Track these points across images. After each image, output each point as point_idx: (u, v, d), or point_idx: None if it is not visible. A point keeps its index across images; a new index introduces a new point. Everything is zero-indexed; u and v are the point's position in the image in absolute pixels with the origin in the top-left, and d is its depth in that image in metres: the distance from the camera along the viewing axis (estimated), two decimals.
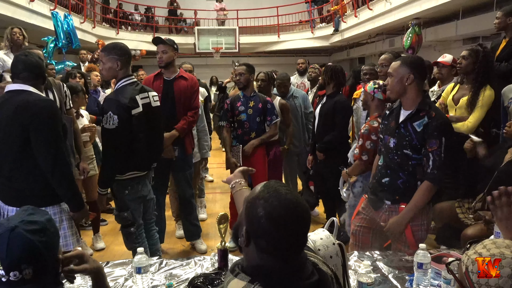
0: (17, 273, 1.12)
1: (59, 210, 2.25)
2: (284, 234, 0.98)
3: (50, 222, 1.22)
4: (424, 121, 2.14)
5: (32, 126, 2.08)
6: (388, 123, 2.33)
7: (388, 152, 2.27)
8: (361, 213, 2.44)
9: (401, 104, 2.28)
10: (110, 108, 2.50)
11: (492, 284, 1.04)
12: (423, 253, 1.73)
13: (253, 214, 1.00)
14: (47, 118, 2.12)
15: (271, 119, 3.68)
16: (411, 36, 6.36)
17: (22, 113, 2.08)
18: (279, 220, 0.98)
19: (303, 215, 1.01)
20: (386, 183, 2.28)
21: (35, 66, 2.20)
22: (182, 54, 14.24)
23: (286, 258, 1.00)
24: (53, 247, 1.20)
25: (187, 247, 3.91)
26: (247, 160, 3.59)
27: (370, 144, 2.86)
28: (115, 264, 2.04)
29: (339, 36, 11.87)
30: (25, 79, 2.17)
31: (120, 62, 2.59)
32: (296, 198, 1.02)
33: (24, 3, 7.30)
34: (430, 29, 7.94)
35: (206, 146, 4.37)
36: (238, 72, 3.65)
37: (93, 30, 11.36)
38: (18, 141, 2.11)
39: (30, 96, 2.14)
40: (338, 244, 1.39)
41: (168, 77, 3.45)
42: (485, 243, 1.11)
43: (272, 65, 12.47)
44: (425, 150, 2.13)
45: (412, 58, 2.30)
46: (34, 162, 2.13)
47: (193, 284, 1.62)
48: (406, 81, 2.17)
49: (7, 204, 2.20)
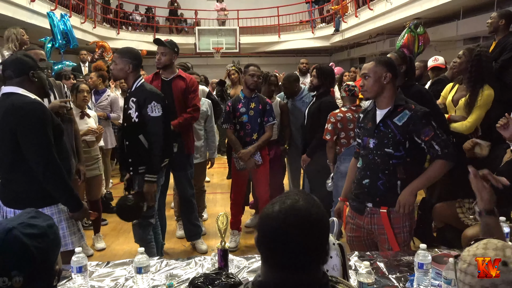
0: (6, 279, 1.02)
1: (57, 211, 2.24)
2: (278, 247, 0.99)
3: (51, 228, 1.14)
4: (405, 114, 2.16)
5: (19, 131, 2.06)
6: (365, 125, 2.34)
7: (368, 153, 2.28)
8: (348, 222, 2.44)
9: (375, 105, 2.29)
10: (153, 98, 2.79)
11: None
12: (423, 253, 1.73)
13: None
14: (34, 122, 2.08)
15: (267, 120, 3.67)
16: (403, 37, 6.36)
17: (9, 117, 2.06)
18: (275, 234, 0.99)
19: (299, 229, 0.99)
20: (367, 184, 2.28)
21: (13, 62, 2.17)
22: (183, 54, 14.21)
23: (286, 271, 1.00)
24: (50, 256, 1.12)
25: (188, 247, 3.91)
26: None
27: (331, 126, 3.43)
28: (116, 264, 2.04)
29: (340, 36, 11.88)
30: (9, 78, 2.15)
31: (131, 66, 2.81)
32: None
33: (24, 3, 7.31)
34: (430, 29, 7.92)
35: (214, 147, 4.37)
36: (251, 72, 3.61)
37: (94, 30, 11.37)
38: (10, 145, 2.09)
39: (18, 99, 2.10)
40: (338, 244, 1.40)
41: (166, 77, 3.47)
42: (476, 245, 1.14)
43: (273, 65, 12.49)
44: (423, 141, 2.15)
45: (385, 57, 2.34)
46: (28, 165, 2.12)
47: (194, 284, 1.62)
48: (384, 80, 2.20)
49: (4, 205, 2.20)
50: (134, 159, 2.85)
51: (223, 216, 1.88)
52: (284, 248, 0.97)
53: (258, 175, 3.77)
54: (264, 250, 1.00)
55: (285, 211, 0.98)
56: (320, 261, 1.00)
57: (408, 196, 2.20)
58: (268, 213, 1.00)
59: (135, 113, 2.81)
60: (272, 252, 0.99)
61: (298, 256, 0.97)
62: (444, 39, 8.10)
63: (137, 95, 2.81)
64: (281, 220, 0.98)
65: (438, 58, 4.01)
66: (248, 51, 14.48)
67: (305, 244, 0.97)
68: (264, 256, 1.02)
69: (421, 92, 3.13)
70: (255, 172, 3.75)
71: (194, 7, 14.97)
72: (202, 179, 4.39)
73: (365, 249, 2.30)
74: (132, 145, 2.86)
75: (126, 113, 2.87)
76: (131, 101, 2.82)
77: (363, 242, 2.38)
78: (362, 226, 2.34)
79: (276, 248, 0.98)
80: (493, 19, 3.76)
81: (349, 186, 2.51)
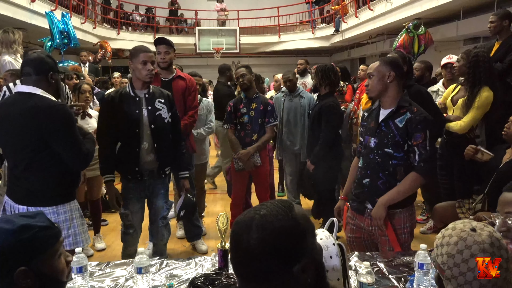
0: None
1: (70, 209, 2.27)
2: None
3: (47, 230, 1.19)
4: (406, 116, 2.16)
5: (51, 132, 2.10)
6: (368, 124, 2.35)
7: (369, 152, 2.28)
8: (349, 223, 2.44)
9: (379, 104, 2.30)
10: (171, 97, 2.93)
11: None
12: (423, 254, 1.73)
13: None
14: (69, 122, 2.16)
15: (268, 121, 3.66)
16: (399, 38, 6.37)
17: (35, 118, 2.08)
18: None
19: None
20: (367, 183, 2.28)
21: (35, 60, 2.18)
22: (183, 55, 14.34)
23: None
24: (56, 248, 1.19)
25: (188, 247, 3.91)
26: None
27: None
28: (116, 264, 2.04)
29: (340, 37, 11.88)
30: (27, 75, 2.15)
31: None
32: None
33: (24, 3, 7.31)
34: (431, 30, 7.90)
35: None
36: (239, 74, 3.64)
37: (94, 31, 11.38)
38: (31, 144, 2.12)
39: (42, 100, 2.12)
40: (338, 244, 1.39)
41: (165, 77, 3.46)
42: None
43: (273, 65, 12.51)
44: (411, 145, 2.15)
45: (391, 57, 2.36)
46: (46, 164, 2.15)
47: (194, 284, 1.62)
48: (388, 79, 2.20)
49: (18, 203, 2.19)
50: (167, 160, 2.85)
51: (223, 217, 1.89)
52: (236, 254, 0.96)
53: (257, 176, 3.77)
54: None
55: (241, 220, 0.96)
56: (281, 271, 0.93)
57: (378, 209, 2.20)
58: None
59: (168, 114, 2.78)
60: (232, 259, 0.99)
61: (247, 263, 0.94)
62: (444, 39, 8.10)
63: (161, 96, 2.79)
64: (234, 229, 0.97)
65: (452, 56, 4.03)
66: (248, 51, 14.49)
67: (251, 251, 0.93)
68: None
69: (421, 92, 3.15)
70: (254, 173, 3.75)
71: (194, 7, 14.98)
72: (202, 179, 4.40)
73: (365, 250, 2.30)
74: (165, 146, 2.80)
75: (152, 114, 2.72)
76: (158, 102, 2.75)
77: (363, 243, 2.38)
78: (362, 227, 2.34)
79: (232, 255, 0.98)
80: (495, 22, 3.75)
81: (350, 186, 2.51)
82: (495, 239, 1.10)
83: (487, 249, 1.07)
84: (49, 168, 2.16)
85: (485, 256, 1.06)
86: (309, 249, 0.95)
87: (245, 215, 0.97)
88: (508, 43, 3.69)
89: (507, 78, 3.62)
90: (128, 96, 2.71)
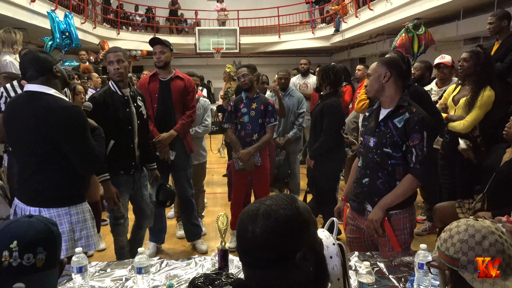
0: (31, 256, 1.10)
1: (82, 210, 2.26)
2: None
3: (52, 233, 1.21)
4: (405, 116, 2.16)
5: (66, 134, 2.09)
6: (368, 124, 2.35)
7: (368, 152, 2.28)
8: (348, 223, 2.44)
9: (380, 104, 2.30)
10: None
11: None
12: (423, 254, 1.73)
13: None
14: (83, 124, 2.17)
15: (268, 121, 3.66)
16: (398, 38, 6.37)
17: (49, 120, 2.07)
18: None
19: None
20: (366, 183, 2.28)
21: (33, 62, 2.14)
22: (183, 55, 14.34)
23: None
24: (60, 246, 1.21)
25: (188, 247, 3.91)
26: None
27: None
28: (116, 264, 2.04)
29: (340, 37, 11.87)
30: (33, 78, 2.12)
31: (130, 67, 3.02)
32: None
33: (24, 3, 7.30)
34: (431, 30, 7.89)
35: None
36: (240, 74, 3.64)
37: (94, 31, 11.37)
38: (44, 146, 2.10)
39: (56, 101, 2.10)
40: (338, 244, 1.39)
41: (164, 77, 3.47)
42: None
43: (273, 65, 12.49)
44: (408, 145, 2.14)
45: (389, 57, 2.34)
46: (56, 166, 2.13)
47: (194, 284, 1.62)
48: (384, 79, 2.20)
49: (28, 205, 2.16)
50: (148, 155, 3.10)
51: (223, 216, 1.89)
52: (242, 243, 1.00)
53: (257, 176, 3.77)
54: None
55: (248, 210, 1.00)
56: (285, 260, 0.97)
57: (376, 213, 2.20)
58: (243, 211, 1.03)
59: (145, 110, 3.03)
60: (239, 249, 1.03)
61: (254, 253, 0.98)
62: (444, 39, 8.09)
63: (139, 94, 3.05)
64: (241, 217, 1.01)
65: (444, 56, 4.03)
66: (248, 51, 14.48)
67: (257, 241, 0.96)
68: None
69: (419, 92, 3.15)
70: (254, 173, 3.75)
71: (194, 7, 14.97)
72: (201, 179, 4.40)
73: (365, 250, 2.30)
74: (145, 142, 3.04)
75: (137, 111, 2.94)
76: (139, 100, 2.99)
77: (363, 244, 2.38)
78: (362, 228, 2.34)
79: (239, 245, 1.01)
80: (494, 22, 3.76)
81: (350, 186, 2.50)
82: (497, 225, 1.18)
83: (494, 231, 1.14)
84: (61, 169, 2.14)
85: (495, 238, 1.13)
86: (311, 239, 1.01)
87: (251, 206, 1.01)
88: (508, 43, 3.70)
89: (507, 78, 3.62)
90: (117, 96, 2.87)
